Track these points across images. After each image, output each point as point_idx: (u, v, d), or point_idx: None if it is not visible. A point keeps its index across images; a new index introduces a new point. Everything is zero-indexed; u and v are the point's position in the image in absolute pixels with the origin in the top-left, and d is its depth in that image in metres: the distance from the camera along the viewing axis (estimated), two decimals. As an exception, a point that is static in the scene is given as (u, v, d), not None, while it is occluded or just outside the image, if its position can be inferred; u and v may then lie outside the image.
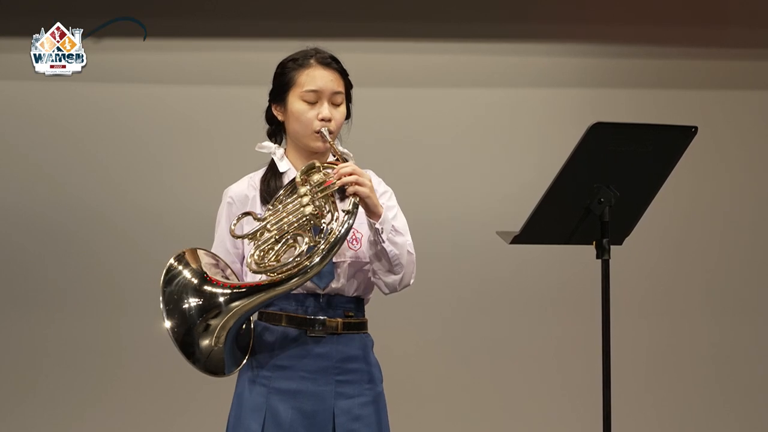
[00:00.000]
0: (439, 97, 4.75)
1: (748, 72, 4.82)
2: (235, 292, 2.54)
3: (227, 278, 2.62)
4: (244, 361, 2.64)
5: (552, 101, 4.77)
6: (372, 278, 2.71)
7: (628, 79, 4.79)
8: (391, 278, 2.67)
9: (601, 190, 2.78)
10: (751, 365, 4.83)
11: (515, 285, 4.71)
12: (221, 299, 2.53)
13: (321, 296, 2.66)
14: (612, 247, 2.81)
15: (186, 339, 2.51)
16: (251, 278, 2.61)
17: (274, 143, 2.79)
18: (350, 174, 2.55)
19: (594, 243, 2.81)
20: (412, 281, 2.73)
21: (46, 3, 4.59)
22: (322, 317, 2.65)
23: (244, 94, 4.60)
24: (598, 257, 2.81)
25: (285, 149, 2.78)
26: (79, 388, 4.62)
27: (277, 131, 2.80)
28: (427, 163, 4.70)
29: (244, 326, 2.64)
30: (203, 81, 4.70)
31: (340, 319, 2.67)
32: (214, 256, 2.67)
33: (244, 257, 2.71)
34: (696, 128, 2.81)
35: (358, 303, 2.73)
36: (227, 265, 2.68)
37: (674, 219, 4.75)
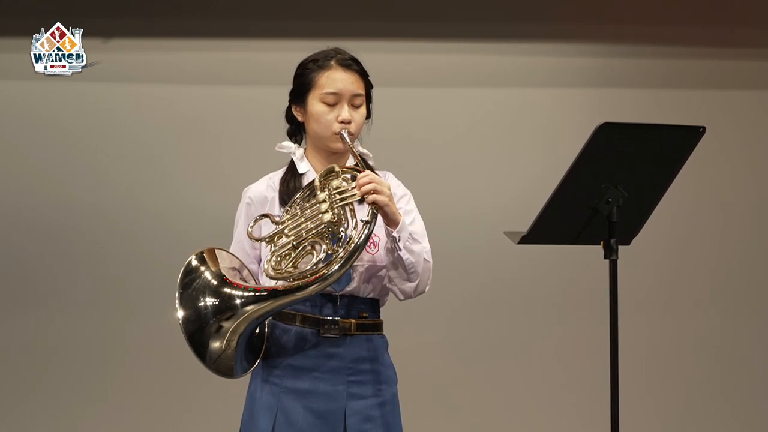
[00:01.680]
0: (446, 97, 4.74)
1: (755, 72, 4.82)
2: (252, 295, 2.52)
3: (244, 280, 2.61)
4: (256, 364, 2.63)
5: (559, 101, 4.76)
6: (387, 284, 2.69)
7: (634, 79, 4.78)
8: (407, 285, 2.66)
9: (609, 191, 2.78)
10: (760, 365, 4.82)
11: (523, 285, 4.71)
12: (237, 301, 2.52)
13: (336, 297, 2.65)
14: (619, 247, 2.81)
15: (197, 336, 2.49)
16: (268, 283, 2.60)
17: (294, 143, 2.78)
18: (368, 183, 2.53)
19: (602, 243, 2.81)
20: (427, 288, 2.71)
21: (46, 3, 4.58)
22: (336, 318, 2.64)
23: (245, 93, 4.61)
24: (605, 257, 2.81)
25: (305, 149, 2.76)
26: (83, 388, 4.61)
27: (297, 131, 2.79)
28: (435, 164, 4.70)
29: (257, 330, 2.62)
30: (203, 81, 4.69)
31: (353, 320, 2.66)
32: (232, 256, 2.66)
33: (261, 259, 2.70)
34: (704, 128, 2.81)
35: (373, 304, 2.72)
36: (244, 265, 2.68)
37: (681, 219, 4.75)
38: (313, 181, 2.61)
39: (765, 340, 4.84)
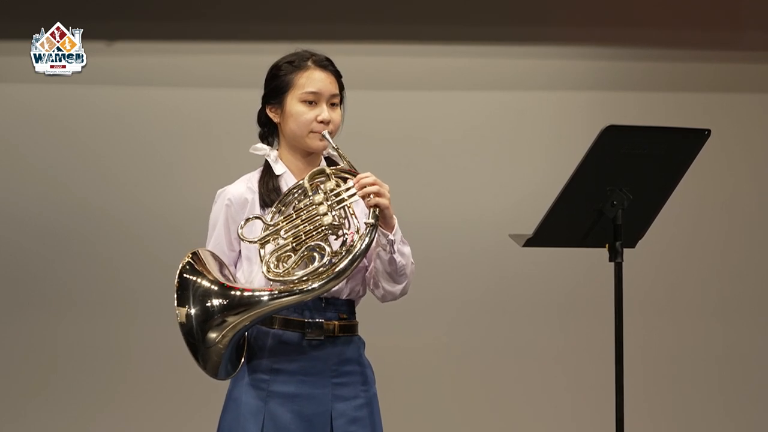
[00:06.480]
0: (451, 100, 4.74)
1: (760, 75, 4.81)
2: (257, 295, 2.50)
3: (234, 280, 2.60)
4: (239, 369, 2.61)
5: (564, 104, 4.76)
6: (370, 286, 2.70)
7: (639, 82, 4.78)
8: (395, 288, 2.67)
9: (614, 193, 2.78)
10: (764, 369, 4.81)
11: (528, 288, 4.70)
12: (246, 299, 2.50)
13: (320, 300, 2.64)
14: (624, 249, 2.81)
15: (201, 325, 2.48)
16: (263, 284, 2.59)
17: (267, 145, 2.78)
18: (372, 184, 2.53)
19: (607, 246, 2.82)
20: (408, 290, 2.72)
21: (46, 3, 4.58)
22: (319, 320, 2.63)
23: (248, 96, 4.58)
24: (610, 260, 2.82)
25: (278, 151, 2.76)
26: (90, 390, 4.60)
27: (269, 133, 2.79)
28: (440, 166, 4.70)
29: (245, 335, 2.61)
30: (204, 83, 4.69)
31: (336, 322, 2.65)
32: (216, 257, 2.65)
33: (237, 261, 2.70)
34: (709, 131, 2.83)
35: (350, 305, 2.71)
36: (225, 265, 2.66)
37: (686, 222, 4.74)
38: (300, 182, 2.60)
39: (769, 344, 4.84)
